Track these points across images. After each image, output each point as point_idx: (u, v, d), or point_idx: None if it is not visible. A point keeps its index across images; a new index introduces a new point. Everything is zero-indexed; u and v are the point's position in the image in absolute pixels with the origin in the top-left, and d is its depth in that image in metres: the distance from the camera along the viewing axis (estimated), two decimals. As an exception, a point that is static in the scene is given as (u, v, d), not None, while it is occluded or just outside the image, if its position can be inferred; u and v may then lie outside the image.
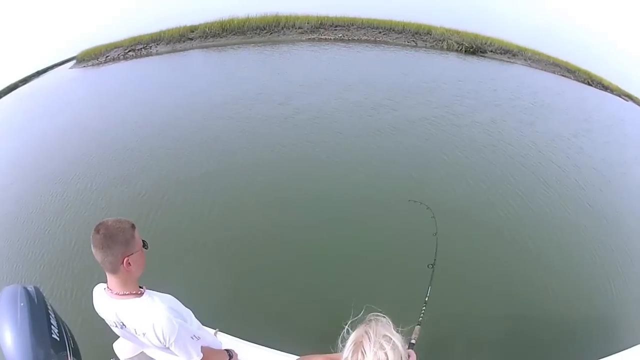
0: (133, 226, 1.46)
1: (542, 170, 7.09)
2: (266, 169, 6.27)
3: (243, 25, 13.60)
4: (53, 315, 1.55)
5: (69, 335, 1.67)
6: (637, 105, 16.75)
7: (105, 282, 1.52)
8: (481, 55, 14.77)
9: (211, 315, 2.48)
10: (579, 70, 16.00)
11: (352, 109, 8.69)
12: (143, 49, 13.15)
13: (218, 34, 13.54)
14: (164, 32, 13.53)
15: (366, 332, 1.08)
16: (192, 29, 13.66)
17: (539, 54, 15.45)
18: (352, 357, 1.07)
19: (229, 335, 2.19)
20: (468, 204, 5.73)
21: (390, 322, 1.17)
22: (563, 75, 15.89)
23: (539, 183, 6.67)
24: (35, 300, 1.50)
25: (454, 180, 6.29)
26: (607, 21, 16.28)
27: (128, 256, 1.43)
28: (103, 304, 1.55)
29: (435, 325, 2.30)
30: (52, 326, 1.52)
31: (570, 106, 12.55)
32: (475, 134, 8.13)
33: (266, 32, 13.68)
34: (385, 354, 1.04)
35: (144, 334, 1.50)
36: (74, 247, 4.66)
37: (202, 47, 13.29)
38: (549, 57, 15.62)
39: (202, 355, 1.60)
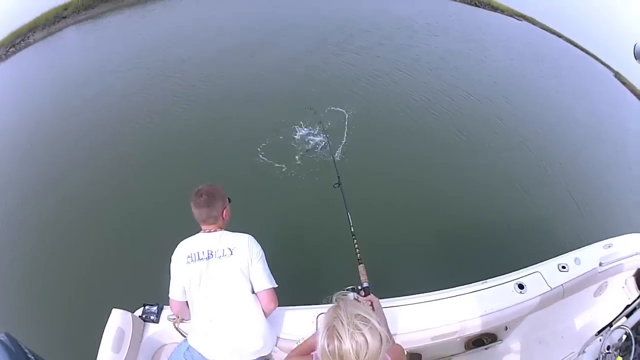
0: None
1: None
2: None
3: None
4: (33, 358, 1.46)
5: None
6: (531, 25, 15.33)
7: None
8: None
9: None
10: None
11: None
12: (22, 42, 12.81)
13: (90, 5, 13.07)
14: (39, 18, 13.10)
15: (337, 315, 0.98)
16: (65, 6, 13.21)
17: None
18: (328, 344, 0.96)
19: None
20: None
21: (360, 298, 1.15)
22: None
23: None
24: (13, 348, 1.37)
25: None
26: None
27: (224, 208, 1.90)
28: (196, 241, 1.85)
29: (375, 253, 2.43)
30: None
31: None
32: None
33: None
34: (364, 336, 0.93)
35: (231, 251, 1.78)
36: (27, 272, 3.85)
37: (76, 23, 12.89)
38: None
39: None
